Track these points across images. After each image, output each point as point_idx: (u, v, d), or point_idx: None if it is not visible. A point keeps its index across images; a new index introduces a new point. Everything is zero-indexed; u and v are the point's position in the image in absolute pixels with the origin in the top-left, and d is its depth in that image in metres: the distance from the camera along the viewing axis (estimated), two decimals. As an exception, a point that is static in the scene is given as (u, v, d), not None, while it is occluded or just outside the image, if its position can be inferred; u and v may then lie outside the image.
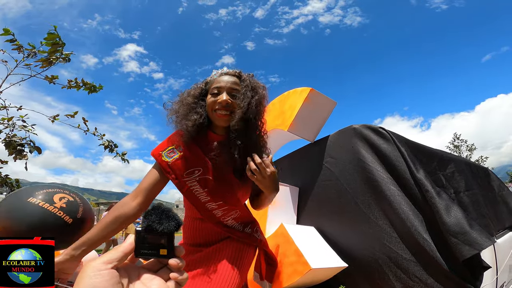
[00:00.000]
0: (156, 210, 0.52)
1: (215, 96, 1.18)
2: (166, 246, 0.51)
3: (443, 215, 1.47)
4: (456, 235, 1.43)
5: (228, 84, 1.18)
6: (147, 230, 0.51)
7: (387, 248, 1.67)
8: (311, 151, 2.35)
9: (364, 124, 1.92)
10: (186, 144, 1.18)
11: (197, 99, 1.22)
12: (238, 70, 1.26)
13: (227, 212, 1.25)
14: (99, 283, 0.42)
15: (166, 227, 0.51)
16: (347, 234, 1.92)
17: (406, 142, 1.76)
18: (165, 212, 0.52)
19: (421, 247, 1.53)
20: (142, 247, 0.50)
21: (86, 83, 2.43)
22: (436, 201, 1.50)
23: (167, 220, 0.52)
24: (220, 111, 1.16)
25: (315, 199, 2.19)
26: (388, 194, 1.66)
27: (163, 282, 0.49)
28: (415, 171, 1.60)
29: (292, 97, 2.39)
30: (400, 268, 1.61)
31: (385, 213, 1.70)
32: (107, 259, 0.45)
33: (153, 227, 0.50)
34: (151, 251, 0.50)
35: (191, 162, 1.17)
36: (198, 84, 1.27)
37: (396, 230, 1.65)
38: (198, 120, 1.17)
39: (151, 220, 0.51)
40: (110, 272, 0.44)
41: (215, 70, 1.27)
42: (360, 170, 1.84)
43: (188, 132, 1.16)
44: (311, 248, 1.86)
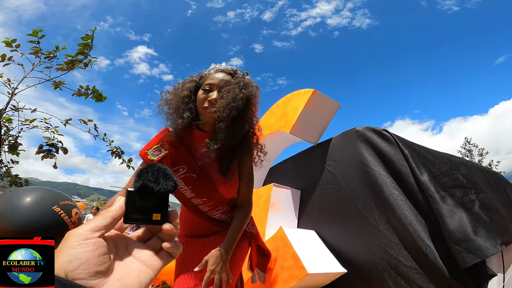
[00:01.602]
0: (152, 167, 0.46)
1: (206, 92, 1.17)
2: (160, 210, 0.44)
3: (446, 221, 1.41)
4: (458, 242, 1.38)
5: (221, 83, 1.17)
6: (140, 191, 0.44)
7: (387, 254, 1.61)
8: (313, 154, 2.31)
9: (367, 126, 1.88)
10: (171, 142, 1.19)
11: (191, 93, 1.21)
12: (234, 68, 1.25)
13: (213, 207, 1.25)
14: (83, 253, 0.36)
15: (163, 186, 0.44)
16: (347, 239, 1.87)
17: (412, 146, 1.71)
18: (161, 170, 0.46)
19: (423, 253, 1.47)
20: (133, 210, 0.44)
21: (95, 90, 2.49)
22: (440, 206, 1.44)
23: (164, 179, 0.45)
24: (209, 108, 1.15)
25: (316, 202, 2.15)
26: (390, 199, 1.61)
27: (153, 253, 0.43)
28: (418, 175, 1.54)
29: (295, 99, 2.37)
30: (400, 275, 1.56)
31: (386, 218, 1.65)
32: (94, 226, 0.39)
33: (148, 186, 0.44)
34: (143, 216, 0.44)
35: (175, 160, 1.18)
36: (193, 77, 1.27)
37: (398, 236, 1.60)
38: (189, 118, 1.17)
39: (147, 178, 0.44)
40: (97, 241, 0.38)
41: (213, 64, 1.26)
42: (363, 173, 1.79)
43: (177, 129, 1.16)
44: (309, 253, 1.82)
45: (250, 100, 1.18)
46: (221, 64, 1.25)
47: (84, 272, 0.35)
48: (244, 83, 1.19)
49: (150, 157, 1.18)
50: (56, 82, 2.30)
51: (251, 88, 1.20)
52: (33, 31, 2.10)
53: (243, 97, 1.15)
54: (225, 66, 1.25)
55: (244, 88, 1.17)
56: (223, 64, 1.25)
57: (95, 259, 0.36)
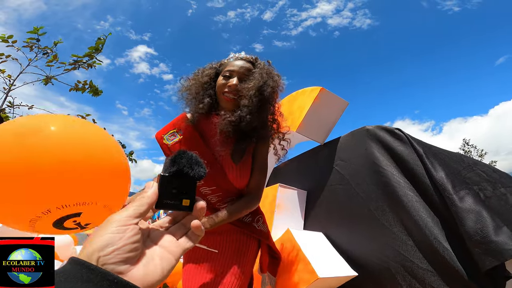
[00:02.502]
0: (186, 154, 0.47)
1: (227, 79, 1.18)
2: (189, 196, 0.46)
3: (464, 222, 1.37)
4: (478, 244, 1.33)
5: (241, 70, 1.18)
6: (175, 176, 0.45)
7: (401, 256, 1.56)
8: (320, 153, 2.26)
9: (378, 125, 1.83)
10: (186, 128, 1.21)
11: (211, 79, 1.23)
12: (254, 56, 1.26)
13: (222, 198, 1.23)
14: (120, 240, 0.37)
15: (196, 172, 0.46)
16: (358, 241, 1.82)
17: (425, 145, 1.66)
18: (194, 158, 0.47)
19: (440, 255, 1.42)
20: (165, 196, 0.44)
21: (92, 85, 2.45)
22: (457, 207, 1.40)
23: (196, 166, 0.47)
24: (228, 94, 1.16)
25: (324, 203, 2.09)
26: (404, 200, 1.55)
27: (174, 239, 0.44)
28: (434, 174, 1.49)
29: (301, 97, 2.31)
30: (415, 278, 1.51)
31: (401, 220, 1.60)
32: (133, 213, 0.40)
33: (183, 171, 0.45)
34: (174, 202, 0.45)
35: (189, 145, 1.19)
36: (212, 64, 1.28)
37: (413, 238, 1.55)
38: (209, 103, 1.18)
39: (182, 164, 0.46)
40: (134, 228, 0.39)
41: (232, 53, 1.27)
42: (374, 174, 1.74)
43: (196, 114, 1.19)
44: (318, 256, 1.76)
45: (275, 89, 1.18)
46: (240, 53, 1.25)
47: (116, 257, 0.36)
48: (268, 71, 1.19)
49: (165, 141, 1.21)
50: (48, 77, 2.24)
51: (276, 77, 1.20)
52: (34, 28, 2.05)
53: (267, 84, 1.14)
54: (244, 54, 1.25)
55: (269, 76, 1.17)
56: (242, 53, 1.25)
57: (129, 246, 0.37)
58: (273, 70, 1.23)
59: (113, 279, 0.34)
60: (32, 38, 2.09)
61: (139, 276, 0.37)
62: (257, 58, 1.26)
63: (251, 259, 1.29)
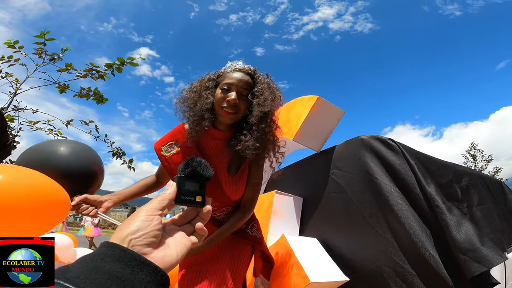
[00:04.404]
0: (196, 159, 0.58)
1: (225, 92, 1.16)
2: (201, 193, 0.55)
3: (453, 231, 1.42)
4: (465, 252, 1.38)
5: (240, 83, 1.16)
6: (189, 176, 0.55)
7: (393, 261, 1.61)
8: (316, 161, 2.31)
9: (372, 135, 1.88)
10: (184, 140, 1.22)
11: (211, 95, 1.21)
12: (253, 67, 1.25)
13: (217, 208, 1.26)
14: (148, 226, 0.45)
15: (207, 172, 0.56)
16: (352, 247, 1.86)
17: (417, 155, 1.72)
18: (203, 162, 0.58)
19: (426, 262, 1.47)
20: (182, 193, 0.53)
21: (97, 92, 2.49)
22: (447, 217, 1.45)
23: (206, 168, 0.57)
24: (226, 109, 1.15)
25: (320, 210, 2.14)
26: (395, 209, 1.61)
27: (185, 234, 0.52)
28: (425, 185, 1.55)
29: (299, 105, 2.36)
30: (405, 282, 1.55)
31: (392, 227, 1.65)
32: (158, 206, 0.49)
33: (197, 172, 0.55)
34: (189, 198, 0.53)
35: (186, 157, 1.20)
36: (210, 75, 1.27)
37: (402, 244, 1.60)
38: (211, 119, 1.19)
39: (194, 166, 0.56)
40: (158, 218, 0.47)
41: (230, 62, 1.25)
42: (368, 182, 1.79)
43: (196, 133, 1.19)
44: (312, 261, 1.80)
45: (277, 103, 1.21)
46: (238, 63, 1.23)
47: (144, 240, 0.44)
48: (270, 86, 1.20)
49: (163, 153, 1.22)
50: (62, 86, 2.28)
51: (277, 92, 1.22)
52: (41, 32, 2.10)
53: (270, 102, 1.16)
54: (242, 65, 1.23)
55: (271, 92, 1.18)
56: (239, 62, 1.24)
57: (154, 232, 0.46)
58: (273, 84, 1.23)
59: (140, 259, 0.41)
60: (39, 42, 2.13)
61: (159, 257, 0.45)
62: (256, 70, 1.24)
63: (245, 265, 1.32)
